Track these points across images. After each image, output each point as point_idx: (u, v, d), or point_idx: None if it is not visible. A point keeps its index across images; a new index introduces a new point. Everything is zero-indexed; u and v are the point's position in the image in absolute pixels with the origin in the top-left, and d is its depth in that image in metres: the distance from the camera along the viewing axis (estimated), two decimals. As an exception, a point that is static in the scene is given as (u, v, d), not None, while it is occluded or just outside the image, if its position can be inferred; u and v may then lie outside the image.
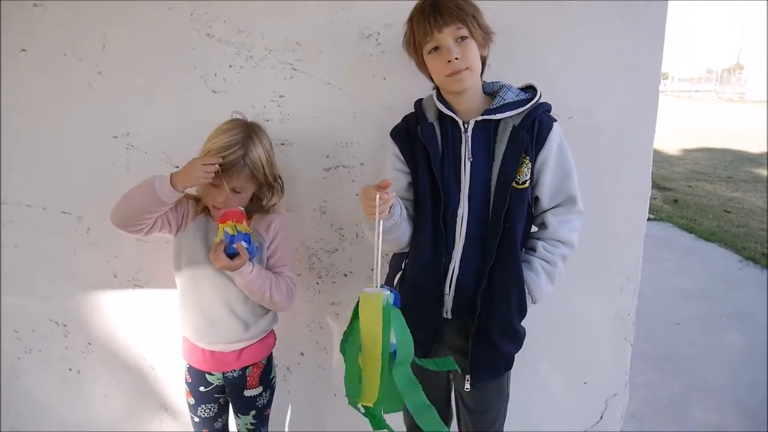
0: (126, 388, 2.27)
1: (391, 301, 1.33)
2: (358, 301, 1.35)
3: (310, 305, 2.12)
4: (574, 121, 1.91)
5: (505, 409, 1.81)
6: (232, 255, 1.60)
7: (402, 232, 1.58)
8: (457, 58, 1.50)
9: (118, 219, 1.66)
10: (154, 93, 1.95)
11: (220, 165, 1.60)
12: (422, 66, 1.62)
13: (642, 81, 1.89)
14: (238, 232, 1.61)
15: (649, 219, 2.04)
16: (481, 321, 1.58)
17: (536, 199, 1.62)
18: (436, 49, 1.53)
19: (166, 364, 2.20)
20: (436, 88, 1.64)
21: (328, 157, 1.98)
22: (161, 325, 2.14)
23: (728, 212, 6.83)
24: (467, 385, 1.64)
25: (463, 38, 1.52)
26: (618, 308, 2.08)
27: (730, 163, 10.42)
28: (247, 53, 1.91)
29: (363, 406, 1.33)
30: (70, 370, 2.26)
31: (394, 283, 1.69)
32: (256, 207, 1.81)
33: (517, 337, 1.68)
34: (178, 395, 2.17)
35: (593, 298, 2.07)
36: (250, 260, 1.64)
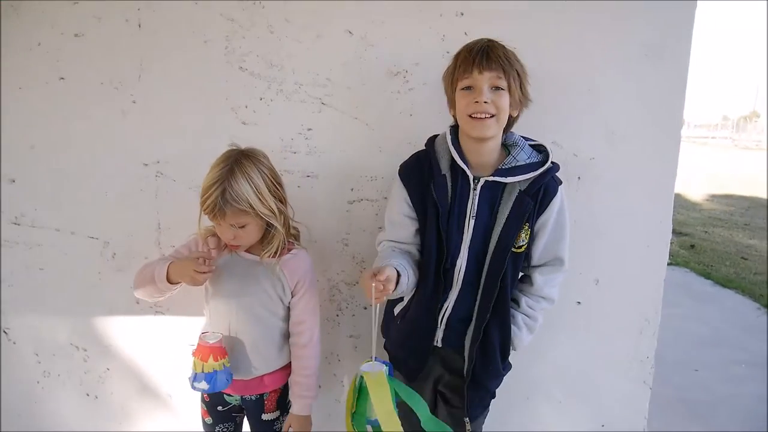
0: (141, 416, 2.27)
1: (386, 372, 1.44)
2: (356, 378, 1.48)
3: (329, 337, 2.12)
4: (596, 162, 1.94)
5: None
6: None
7: (410, 287, 1.63)
8: (486, 102, 1.50)
9: (139, 294, 1.75)
10: (186, 123, 2.00)
11: (208, 210, 1.59)
12: (453, 103, 1.61)
13: (664, 125, 1.93)
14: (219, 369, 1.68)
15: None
16: (476, 372, 1.68)
17: (526, 255, 1.67)
18: (469, 88, 1.53)
19: (182, 391, 2.19)
20: (452, 130, 1.63)
21: (352, 190, 2.01)
22: (179, 352, 2.13)
23: (745, 259, 6.77)
24: (468, 427, 1.72)
25: (498, 88, 1.52)
26: (637, 350, 2.07)
27: (746, 210, 10.35)
28: (277, 87, 1.96)
29: None
30: (88, 395, 2.26)
31: (395, 315, 1.77)
32: (274, 241, 1.71)
33: (500, 376, 1.77)
34: (193, 423, 2.15)
35: (612, 339, 2.07)
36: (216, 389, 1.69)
